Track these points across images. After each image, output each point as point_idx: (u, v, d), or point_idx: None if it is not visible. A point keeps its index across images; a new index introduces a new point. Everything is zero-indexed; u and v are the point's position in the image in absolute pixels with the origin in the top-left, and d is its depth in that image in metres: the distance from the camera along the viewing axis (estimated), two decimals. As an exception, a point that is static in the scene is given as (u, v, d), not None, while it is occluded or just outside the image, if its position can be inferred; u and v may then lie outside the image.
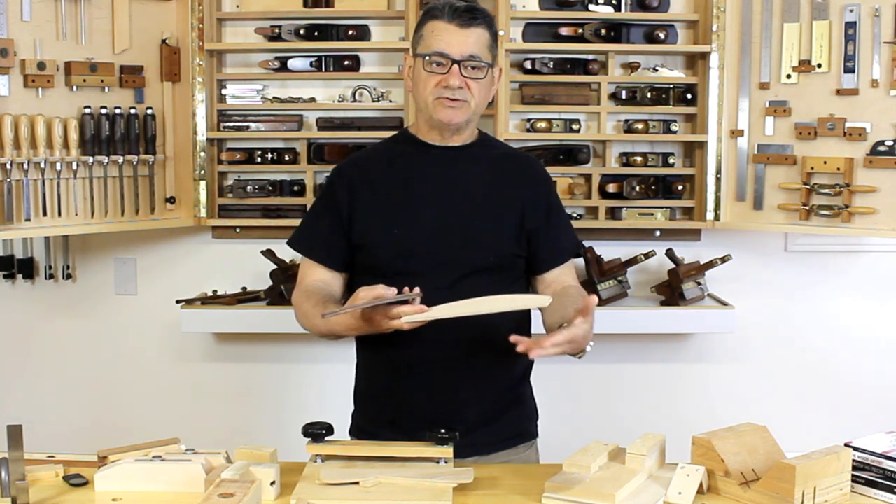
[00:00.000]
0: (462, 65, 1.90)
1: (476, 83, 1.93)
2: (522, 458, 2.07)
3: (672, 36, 3.04)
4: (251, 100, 3.06)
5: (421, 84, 1.95)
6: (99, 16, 2.79)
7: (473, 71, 1.92)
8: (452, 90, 1.91)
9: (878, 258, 3.20)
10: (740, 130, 2.97)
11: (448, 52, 1.90)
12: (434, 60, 1.91)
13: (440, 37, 1.91)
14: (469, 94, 1.93)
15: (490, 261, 1.98)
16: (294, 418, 2.05)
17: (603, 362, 3.21)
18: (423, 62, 1.93)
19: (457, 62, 1.90)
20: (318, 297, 1.94)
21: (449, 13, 1.91)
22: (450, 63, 1.90)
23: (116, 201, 2.86)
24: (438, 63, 1.91)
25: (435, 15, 1.93)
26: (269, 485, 1.61)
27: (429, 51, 1.92)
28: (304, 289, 2.00)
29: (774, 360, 3.23)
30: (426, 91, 1.94)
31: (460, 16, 1.91)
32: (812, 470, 1.54)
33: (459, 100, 1.93)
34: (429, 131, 2.01)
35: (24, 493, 1.55)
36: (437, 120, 1.96)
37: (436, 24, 1.92)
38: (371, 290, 1.74)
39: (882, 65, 2.74)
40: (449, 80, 1.91)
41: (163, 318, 3.16)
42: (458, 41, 1.90)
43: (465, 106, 1.94)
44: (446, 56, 1.90)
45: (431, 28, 1.93)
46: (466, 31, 1.91)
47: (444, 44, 1.91)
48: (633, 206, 3.04)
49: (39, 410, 3.18)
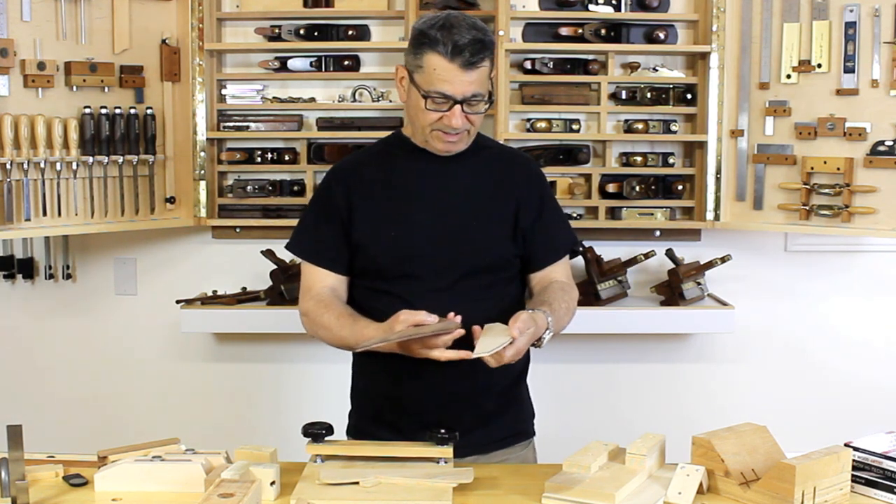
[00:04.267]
0: (464, 104, 1.87)
1: (477, 116, 1.90)
2: (520, 457, 2.07)
3: (672, 36, 3.04)
4: (251, 100, 3.06)
5: (420, 112, 1.90)
6: (99, 16, 2.79)
7: (474, 106, 1.89)
8: (455, 128, 1.89)
9: (878, 258, 3.20)
10: (740, 130, 2.97)
11: (451, 93, 1.85)
12: (436, 100, 1.86)
13: (442, 77, 1.84)
14: (469, 125, 1.91)
15: (487, 261, 1.98)
16: (294, 418, 2.06)
17: (603, 362, 3.21)
18: (426, 102, 1.87)
19: (458, 102, 1.86)
20: (338, 309, 1.94)
21: (452, 51, 1.82)
22: (451, 103, 1.86)
23: (116, 201, 2.86)
24: (440, 101, 1.86)
25: (437, 49, 1.83)
26: (269, 485, 1.61)
27: (430, 89, 1.86)
28: (316, 298, 1.99)
29: (774, 360, 3.23)
30: (424, 121, 1.90)
31: (462, 55, 1.82)
32: (812, 470, 1.54)
33: (459, 133, 1.91)
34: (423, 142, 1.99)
35: (24, 493, 1.55)
36: (435, 149, 1.95)
37: (437, 61, 1.83)
38: (413, 314, 1.75)
39: (882, 65, 2.74)
40: (451, 122, 1.87)
41: (163, 318, 3.16)
42: (460, 81, 1.84)
43: (464, 136, 1.93)
44: (448, 97, 1.86)
45: (433, 64, 1.84)
46: (470, 72, 1.84)
47: (448, 85, 1.84)
48: (633, 206, 3.04)
49: (39, 410, 3.18)
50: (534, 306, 1.89)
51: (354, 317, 1.92)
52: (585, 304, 2.85)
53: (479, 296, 1.96)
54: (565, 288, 2.02)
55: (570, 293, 2.03)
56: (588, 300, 2.93)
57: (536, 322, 1.82)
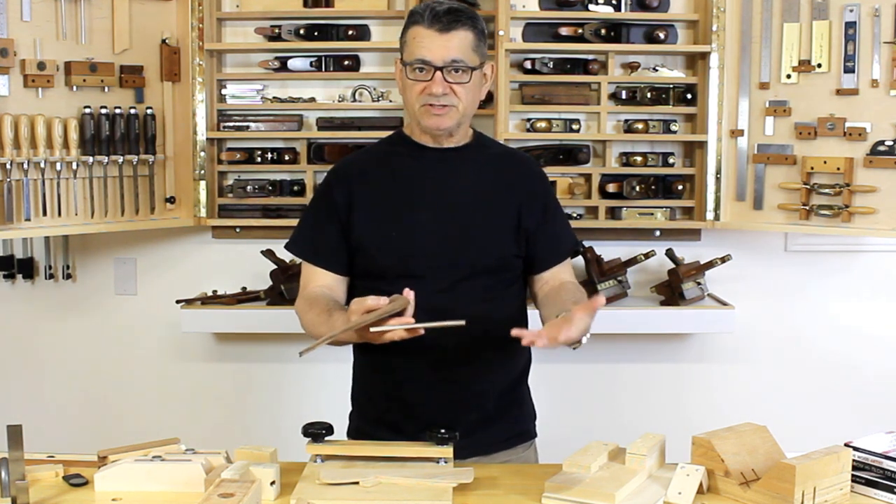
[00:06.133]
0: (445, 70, 1.87)
1: (462, 87, 1.90)
2: (522, 458, 2.07)
3: (672, 36, 3.04)
4: (251, 100, 3.06)
5: (407, 91, 1.93)
6: (99, 16, 2.79)
7: (457, 75, 1.89)
8: (437, 97, 1.89)
9: (878, 258, 3.20)
10: (740, 130, 2.97)
11: (429, 58, 1.87)
12: (417, 67, 1.89)
13: (421, 43, 1.88)
14: (455, 99, 1.90)
15: (489, 262, 1.98)
16: (294, 418, 2.05)
17: (603, 362, 3.21)
18: (407, 69, 1.91)
19: (439, 68, 1.87)
20: (321, 305, 1.93)
21: (429, 18, 1.87)
22: (432, 70, 1.87)
23: (116, 201, 2.86)
24: (421, 69, 1.88)
25: (416, 20, 1.89)
26: (269, 485, 1.61)
27: (411, 58, 1.89)
28: (307, 296, 1.99)
29: (774, 360, 3.23)
30: (412, 98, 1.92)
31: (440, 20, 1.86)
32: (812, 470, 1.54)
33: (446, 105, 1.90)
34: (422, 134, 2.00)
35: (24, 493, 1.55)
36: (425, 126, 1.95)
37: (417, 31, 1.89)
38: (361, 301, 1.72)
39: (882, 65, 2.74)
40: (432, 88, 1.88)
41: (163, 318, 3.16)
42: (438, 46, 1.87)
43: (452, 111, 1.92)
44: (428, 63, 1.87)
45: (413, 34, 1.89)
46: (447, 35, 1.87)
47: (426, 50, 1.87)
48: (633, 206, 3.04)
49: (39, 410, 3.18)
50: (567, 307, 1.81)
51: (331, 311, 1.89)
52: (585, 304, 2.85)
53: (481, 296, 1.96)
54: (580, 289, 2.02)
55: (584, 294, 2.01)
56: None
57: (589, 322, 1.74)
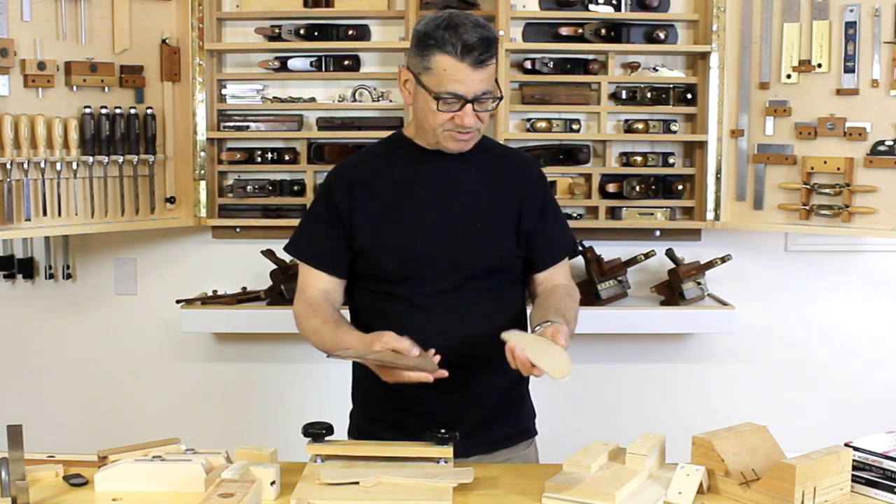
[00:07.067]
0: (474, 102, 1.86)
1: (486, 112, 1.90)
2: (522, 456, 2.07)
3: (672, 36, 3.04)
4: (251, 100, 3.06)
5: (430, 114, 1.89)
6: (99, 16, 2.79)
7: (484, 104, 1.88)
8: (468, 127, 1.88)
9: (878, 258, 3.20)
10: (740, 130, 2.97)
11: (462, 93, 1.84)
12: (447, 100, 1.85)
13: (454, 77, 1.82)
14: (479, 124, 1.91)
15: (492, 262, 1.98)
16: (294, 418, 2.05)
17: (603, 362, 3.21)
18: (434, 100, 1.86)
19: (469, 101, 1.85)
20: (325, 315, 1.93)
21: (461, 50, 1.80)
22: (463, 102, 1.85)
23: (116, 201, 2.86)
24: (451, 101, 1.85)
25: (445, 49, 1.82)
26: (269, 485, 1.61)
27: (440, 89, 1.84)
28: (307, 301, 1.98)
29: (774, 360, 3.23)
30: (435, 122, 1.89)
31: (471, 53, 1.81)
32: (812, 470, 1.54)
33: (471, 131, 1.90)
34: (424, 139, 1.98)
35: (24, 493, 1.55)
36: (448, 149, 1.94)
37: (447, 61, 1.82)
38: (397, 341, 1.73)
39: (882, 65, 2.74)
40: (464, 121, 1.86)
41: (163, 318, 3.16)
42: (471, 80, 1.83)
43: (475, 135, 1.93)
44: (460, 97, 1.85)
45: (443, 64, 1.82)
46: (480, 69, 1.83)
47: (458, 84, 1.83)
48: (633, 206, 3.04)
49: (39, 410, 3.18)
50: (548, 316, 1.86)
51: (338, 323, 1.91)
52: (585, 303, 2.83)
53: (483, 297, 1.96)
54: (571, 293, 2.02)
55: (574, 298, 2.02)
56: (588, 300, 2.93)
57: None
